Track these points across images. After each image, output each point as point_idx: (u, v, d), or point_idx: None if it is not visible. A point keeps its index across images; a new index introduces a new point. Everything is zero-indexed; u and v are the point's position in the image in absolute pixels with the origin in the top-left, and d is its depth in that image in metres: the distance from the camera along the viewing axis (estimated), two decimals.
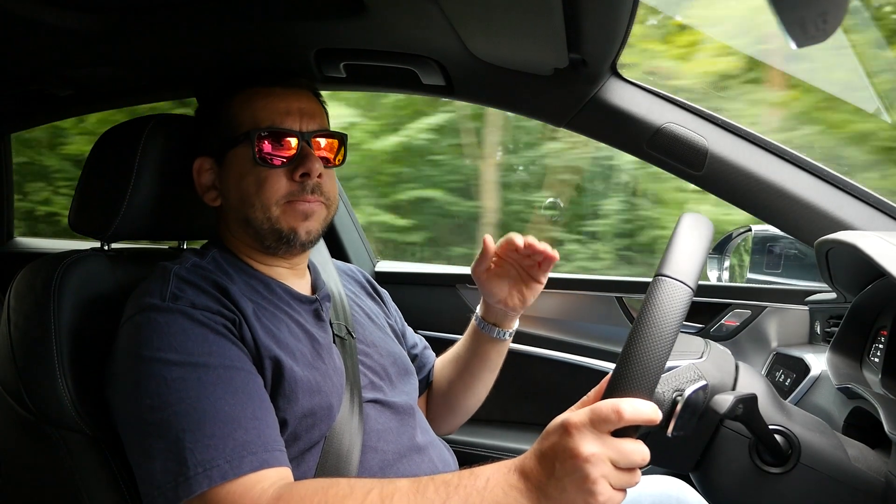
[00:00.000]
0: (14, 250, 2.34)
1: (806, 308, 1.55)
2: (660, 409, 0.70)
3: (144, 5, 1.10)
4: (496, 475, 0.75)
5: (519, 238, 1.10)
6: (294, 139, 1.02)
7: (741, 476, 0.86)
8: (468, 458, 1.58)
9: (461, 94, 1.39)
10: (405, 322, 1.37)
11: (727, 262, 1.84)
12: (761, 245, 1.69)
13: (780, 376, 1.41)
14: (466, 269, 2.19)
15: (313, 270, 1.17)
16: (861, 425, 1.02)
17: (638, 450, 0.70)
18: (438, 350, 1.40)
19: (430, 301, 1.90)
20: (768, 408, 0.87)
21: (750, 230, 1.74)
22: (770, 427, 0.84)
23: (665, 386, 0.83)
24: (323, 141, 1.07)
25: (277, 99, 1.04)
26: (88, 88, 1.50)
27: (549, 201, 3.45)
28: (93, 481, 0.97)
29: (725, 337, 1.64)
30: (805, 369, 1.31)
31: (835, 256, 1.11)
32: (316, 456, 0.97)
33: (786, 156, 1.24)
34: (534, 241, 1.10)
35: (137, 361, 0.88)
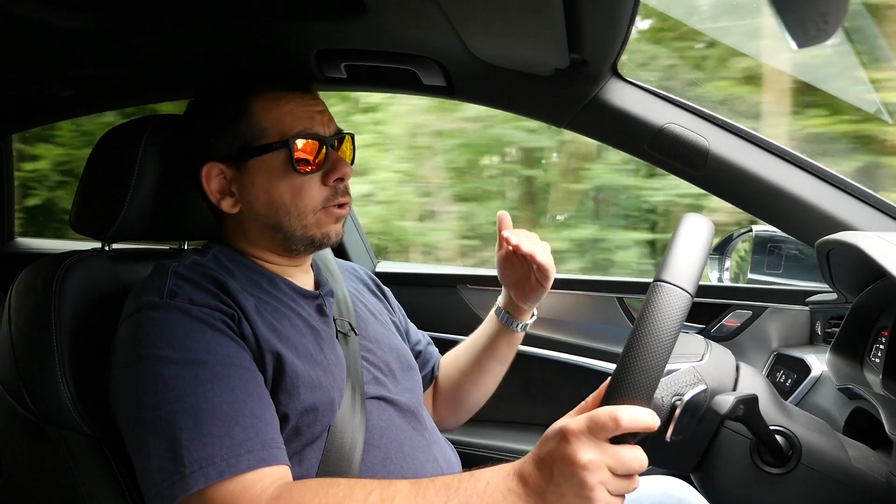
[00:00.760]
0: (15, 251, 2.34)
1: (807, 308, 1.55)
2: (658, 414, 0.70)
3: (145, 5, 1.10)
4: (496, 479, 0.75)
5: (507, 223, 1.14)
6: (323, 144, 1.03)
7: (742, 476, 0.86)
8: (469, 458, 1.58)
9: (462, 95, 1.39)
10: (409, 320, 1.37)
11: (728, 263, 1.84)
12: (762, 246, 1.69)
13: (781, 377, 1.41)
14: (467, 270, 2.19)
15: (316, 267, 1.18)
16: (862, 426, 1.02)
17: (636, 456, 0.70)
18: (439, 351, 1.40)
19: (431, 301, 1.90)
20: (769, 408, 0.87)
21: (751, 231, 1.74)
22: (771, 428, 0.84)
23: (664, 391, 0.83)
24: (341, 142, 1.08)
25: (300, 104, 1.04)
26: (89, 89, 1.50)
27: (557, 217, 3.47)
28: (93, 481, 0.97)
29: (726, 337, 1.64)
30: (806, 370, 1.31)
31: (836, 257, 1.11)
32: (318, 452, 0.97)
33: (786, 156, 1.24)
34: (518, 242, 1.11)
35: (136, 359, 0.88)
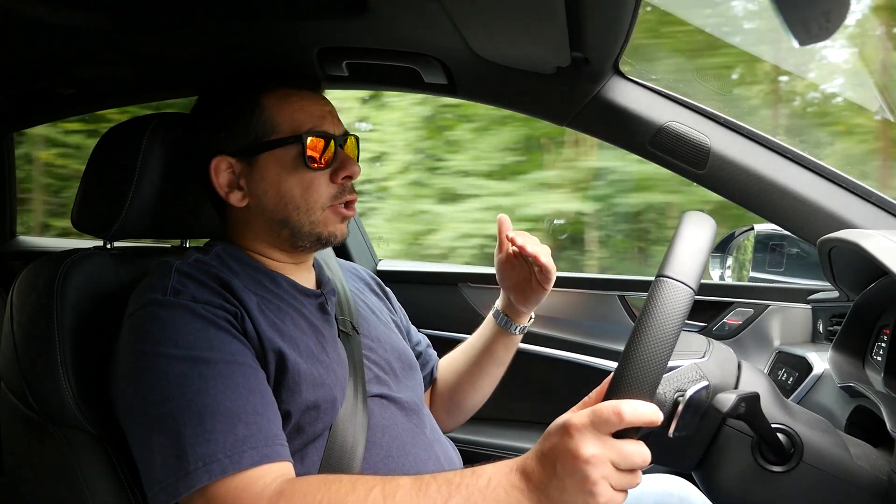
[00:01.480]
0: (16, 249, 2.34)
1: (808, 307, 1.55)
2: (661, 410, 0.70)
3: (147, 4, 1.10)
4: (498, 475, 0.75)
5: (507, 226, 1.14)
6: (332, 142, 1.04)
7: (744, 474, 0.86)
8: (471, 457, 1.58)
9: (463, 93, 1.39)
10: (409, 321, 1.37)
11: (730, 261, 1.84)
12: (764, 244, 1.69)
13: (783, 375, 1.41)
14: (468, 268, 2.19)
15: (318, 266, 1.18)
16: (863, 424, 1.02)
17: (639, 451, 0.70)
18: (440, 349, 1.40)
19: (433, 300, 1.90)
20: (771, 406, 0.87)
21: (752, 229, 1.74)
22: (772, 426, 0.84)
23: (666, 386, 0.83)
24: (348, 142, 1.10)
25: (311, 102, 1.05)
26: (90, 87, 1.50)
27: (555, 222, 3.46)
28: (96, 479, 0.97)
29: (728, 335, 1.64)
30: (807, 368, 1.31)
31: (837, 255, 1.11)
32: (320, 450, 0.97)
33: (788, 154, 1.24)
34: (523, 242, 1.11)
35: (139, 356, 0.88)
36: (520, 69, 1.26)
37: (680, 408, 0.77)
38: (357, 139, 1.13)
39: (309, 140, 1.01)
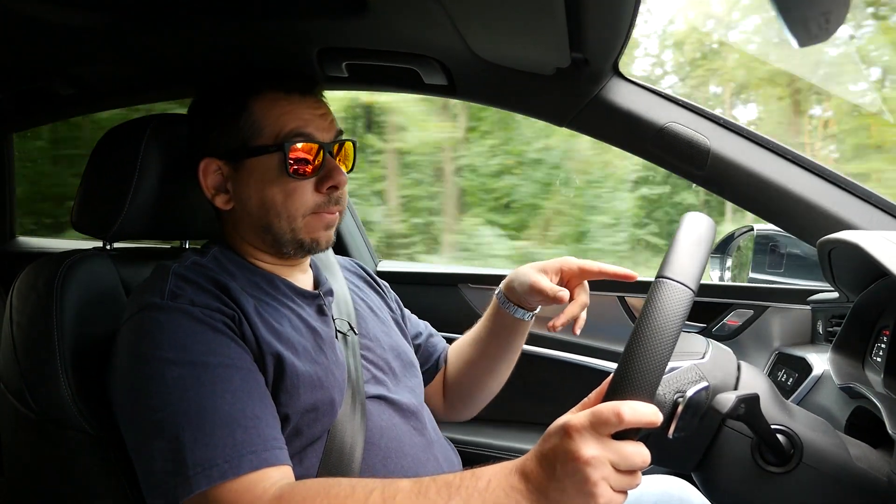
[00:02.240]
0: (16, 249, 2.34)
1: (808, 308, 1.55)
2: (661, 411, 0.70)
3: (147, 3, 1.10)
4: (497, 476, 0.75)
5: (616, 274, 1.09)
6: (320, 149, 1.02)
7: (743, 475, 0.86)
8: (470, 458, 1.58)
9: (463, 94, 1.39)
10: (405, 310, 1.34)
11: (729, 262, 1.84)
12: (764, 245, 1.69)
13: (783, 376, 1.41)
14: (468, 269, 2.19)
15: (315, 266, 1.18)
16: (863, 425, 1.02)
17: (638, 452, 0.70)
18: None
19: (433, 301, 1.89)
20: (770, 407, 0.87)
21: (752, 230, 1.74)
22: (772, 426, 0.84)
23: (666, 387, 0.83)
24: (340, 148, 1.07)
25: (300, 106, 1.03)
26: (90, 87, 1.50)
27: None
28: (95, 480, 0.97)
29: (727, 336, 1.64)
30: (807, 369, 1.31)
31: (837, 256, 1.11)
32: (318, 452, 0.97)
33: (788, 155, 1.24)
34: (604, 267, 1.08)
35: (137, 361, 0.88)
36: (519, 70, 1.27)
37: (679, 409, 0.76)
38: (354, 144, 1.10)
39: (292, 148, 0.99)
